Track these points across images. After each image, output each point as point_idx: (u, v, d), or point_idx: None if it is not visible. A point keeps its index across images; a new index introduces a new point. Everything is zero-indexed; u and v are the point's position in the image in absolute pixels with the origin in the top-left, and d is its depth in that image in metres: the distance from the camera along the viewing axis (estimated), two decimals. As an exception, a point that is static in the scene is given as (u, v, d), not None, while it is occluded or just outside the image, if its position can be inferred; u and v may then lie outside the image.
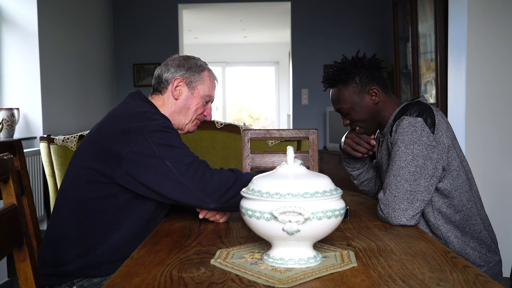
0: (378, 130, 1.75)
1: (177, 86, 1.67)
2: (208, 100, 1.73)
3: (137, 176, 1.43)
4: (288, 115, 8.03)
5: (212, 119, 2.92)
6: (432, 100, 3.82)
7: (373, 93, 1.65)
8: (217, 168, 1.46)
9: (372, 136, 1.69)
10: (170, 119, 1.66)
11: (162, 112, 1.66)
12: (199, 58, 1.76)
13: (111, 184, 1.48)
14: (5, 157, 1.11)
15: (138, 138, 1.44)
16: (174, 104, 1.68)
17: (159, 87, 1.69)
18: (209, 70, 1.74)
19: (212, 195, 1.40)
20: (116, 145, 1.45)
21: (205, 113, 1.74)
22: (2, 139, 3.45)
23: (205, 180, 1.40)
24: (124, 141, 1.45)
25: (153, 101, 1.69)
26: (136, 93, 1.68)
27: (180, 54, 1.82)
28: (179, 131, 1.71)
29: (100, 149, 1.49)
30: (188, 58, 1.73)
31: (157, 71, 1.72)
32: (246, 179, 1.43)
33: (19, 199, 1.13)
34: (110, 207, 1.51)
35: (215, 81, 1.76)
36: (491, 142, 2.74)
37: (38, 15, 3.84)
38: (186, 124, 1.71)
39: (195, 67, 1.70)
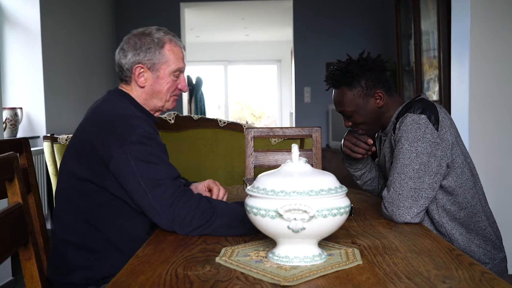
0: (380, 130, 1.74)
1: (139, 74, 1.57)
2: (178, 73, 1.61)
3: (122, 183, 1.41)
4: (291, 113, 8.03)
5: (214, 118, 2.93)
6: (435, 97, 3.82)
7: (378, 97, 1.63)
8: (195, 197, 1.37)
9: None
10: (145, 106, 1.60)
11: (137, 101, 1.59)
12: (156, 29, 1.60)
13: (103, 191, 1.45)
14: (9, 156, 1.11)
15: (118, 149, 1.39)
16: (143, 92, 1.59)
17: (122, 75, 1.60)
18: (170, 40, 1.59)
19: (180, 228, 1.34)
20: (101, 153, 1.42)
21: (179, 87, 1.63)
22: (5, 138, 3.45)
23: (176, 211, 1.34)
24: (107, 149, 1.41)
25: (126, 91, 1.60)
26: (115, 90, 1.61)
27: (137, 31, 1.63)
28: (159, 113, 1.65)
29: (87, 157, 1.46)
30: (143, 35, 1.58)
31: (116, 57, 1.60)
32: (221, 222, 1.34)
33: (25, 198, 1.13)
34: (109, 217, 1.48)
35: (181, 49, 1.62)
36: (495, 139, 2.74)
37: (41, 15, 3.85)
38: (163, 106, 1.63)
39: (153, 45, 1.56)
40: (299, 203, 1.00)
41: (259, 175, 1.11)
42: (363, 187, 1.87)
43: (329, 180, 1.07)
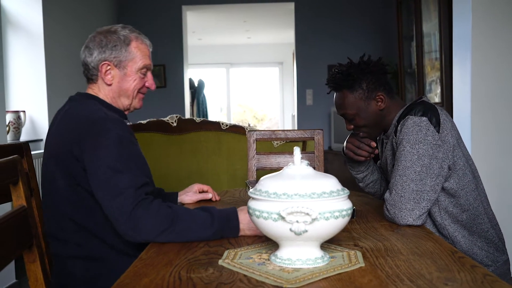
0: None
1: (106, 71, 1.55)
2: (145, 70, 1.60)
3: (92, 189, 1.41)
4: (293, 116, 8.04)
5: (217, 120, 2.93)
6: (437, 99, 3.82)
7: (379, 99, 1.64)
8: (155, 203, 1.35)
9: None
10: (112, 104, 1.59)
11: (106, 101, 1.58)
12: (121, 26, 1.59)
13: (91, 196, 1.44)
14: (14, 159, 1.12)
15: (89, 153, 1.39)
16: (110, 90, 1.58)
17: (89, 74, 1.59)
18: (136, 37, 1.58)
19: (142, 236, 1.32)
20: (77, 157, 1.41)
21: (146, 85, 1.62)
22: (9, 142, 3.47)
23: (136, 219, 1.32)
24: (80, 153, 1.40)
25: (94, 93, 1.58)
26: (80, 95, 1.59)
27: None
28: (127, 112, 1.64)
29: (66, 163, 1.44)
30: (109, 32, 1.57)
31: (81, 56, 1.59)
32: (182, 226, 1.32)
33: (29, 201, 1.14)
34: (100, 220, 1.45)
35: (147, 46, 1.61)
36: (496, 141, 2.74)
37: (44, 17, 3.86)
38: (130, 104, 1.61)
39: (119, 43, 1.55)
40: (301, 205, 1.01)
41: (262, 178, 1.12)
42: (365, 189, 1.88)
43: (331, 183, 1.07)
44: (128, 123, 1.69)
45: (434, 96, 3.89)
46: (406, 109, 1.60)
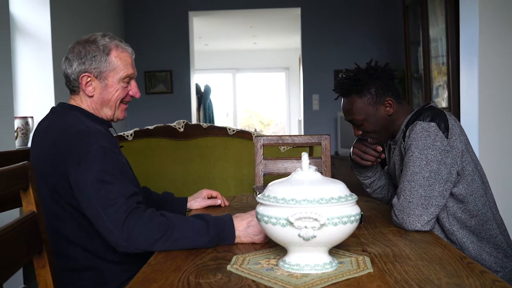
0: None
1: (87, 83, 1.52)
2: (128, 79, 1.56)
3: (79, 203, 1.39)
4: (299, 121, 8.04)
5: (224, 126, 2.94)
6: (444, 104, 3.81)
7: (387, 105, 1.64)
8: (147, 212, 1.33)
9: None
10: (96, 114, 1.56)
11: (89, 112, 1.55)
12: (101, 35, 1.54)
13: (76, 212, 1.43)
14: (24, 165, 1.13)
15: (74, 168, 1.36)
16: (92, 101, 1.54)
17: (70, 86, 1.56)
18: (117, 46, 1.54)
19: (136, 246, 1.30)
20: (62, 173, 1.39)
21: (130, 93, 1.58)
22: (17, 148, 3.49)
23: (130, 228, 1.29)
24: (65, 169, 1.38)
25: (77, 104, 1.56)
26: (61, 106, 1.56)
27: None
28: (110, 122, 1.61)
29: (50, 180, 1.42)
30: (88, 42, 1.52)
31: (62, 67, 1.56)
32: (177, 235, 1.29)
33: (38, 207, 1.15)
34: (90, 234, 1.43)
35: (129, 54, 1.56)
36: (505, 145, 2.72)
37: (52, 24, 3.90)
38: (113, 115, 1.58)
39: (99, 53, 1.51)
40: (310, 211, 1.01)
41: (270, 184, 1.12)
42: (372, 195, 1.87)
43: (339, 188, 1.07)
44: (114, 134, 1.67)
45: (441, 100, 3.88)
46: (414, 114, 1.60)
